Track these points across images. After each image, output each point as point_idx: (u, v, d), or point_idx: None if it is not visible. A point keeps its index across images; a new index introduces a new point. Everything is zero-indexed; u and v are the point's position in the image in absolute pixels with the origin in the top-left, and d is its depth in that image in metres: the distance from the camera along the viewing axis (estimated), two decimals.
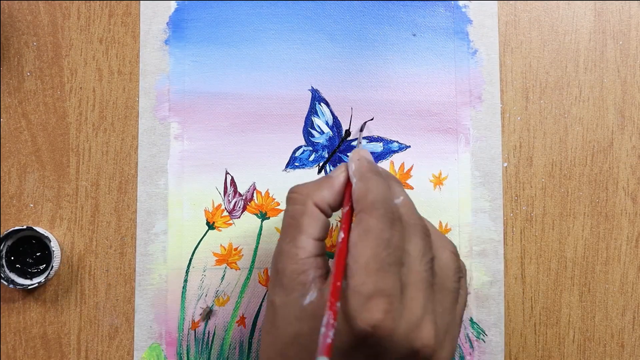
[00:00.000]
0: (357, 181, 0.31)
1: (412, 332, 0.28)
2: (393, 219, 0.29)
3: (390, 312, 0.27)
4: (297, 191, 0.32)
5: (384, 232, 0.28)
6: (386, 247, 0.28)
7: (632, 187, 0.42)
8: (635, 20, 0.42)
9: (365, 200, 0.30)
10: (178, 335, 0.40)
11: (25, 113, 0.41)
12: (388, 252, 0.28)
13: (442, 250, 0.32)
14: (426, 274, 0.29)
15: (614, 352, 0.41)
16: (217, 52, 0.42)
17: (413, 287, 0.29)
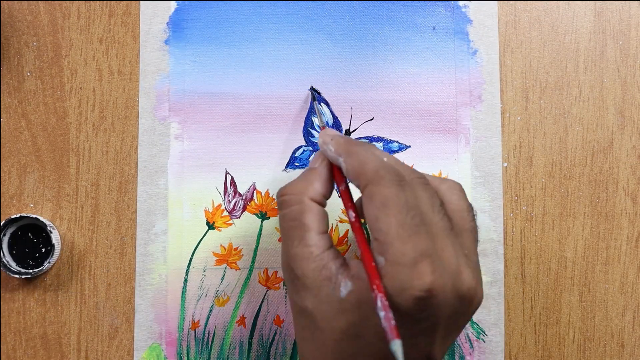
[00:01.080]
0: (346, 158, 0.31)
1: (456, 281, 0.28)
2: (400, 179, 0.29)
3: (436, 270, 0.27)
4: (288, 192, 0.32)
5: (399, 197, 0.28)
6: (408, 211, 0.28)
7: (632, 187, 0.42)
8: (635, 20, 0.42)
9: (366, 173, 0.30)
10: (178, 335, 0.40)
11: (25, 113, 0.41)
12: (411, 214, 0.28)
13: (449, 193, 0.31)
14: (443, 222, 0.29)
15: (614, 352, 0.41)
16: (217, 52, 0.42)
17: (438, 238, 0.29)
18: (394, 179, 0.29)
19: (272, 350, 0.40)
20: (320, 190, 0.32)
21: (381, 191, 0.29)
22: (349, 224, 0.41)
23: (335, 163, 0.32)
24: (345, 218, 0.41)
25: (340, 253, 0.31)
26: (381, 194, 0.28)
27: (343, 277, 0.29)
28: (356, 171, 0.30)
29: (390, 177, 0.29)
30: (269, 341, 0.41)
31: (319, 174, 0.32)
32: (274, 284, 0.41)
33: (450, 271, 0.28)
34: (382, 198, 0.28)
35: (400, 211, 0.28)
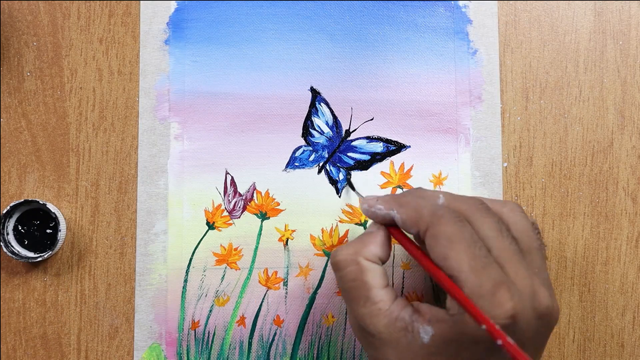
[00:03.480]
0: (399, 209, 0.31)
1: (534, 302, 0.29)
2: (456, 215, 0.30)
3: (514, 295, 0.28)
4: (343, 253, 0.32)
5: (463, 232, 0.29)
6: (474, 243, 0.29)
7: (632, 187, 0.42)
8: (635, 20, 0.42)
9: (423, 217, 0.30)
10: (178, 335, 0.40)
11: (25, 113, 0.41)
12: (478, 246, 0.29)
13: (512, 215, 0.32)
14: (512, 246, 0.30)
15: (614, 352, 0.41)
16: (217, 52, 0.42)
17: (510, 263, 0.29)
18: (453, 216, 0.30)
19: (272, 350, 0.40)
20: (375, 252, 0.32)
21: (444, 230, 0.29)
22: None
23: (388, 220, 0.32)
24: (346, 218, 0.41)
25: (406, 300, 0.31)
26: (445, 232, 0.29)
27: (419, 324, 0.29)
28: (412, 219, 0.31)
29: (449, 216, 0.29)
30: (269, 341, 0.41)
31: (375, 237, 0.33)
32: (274, 284, 0.41)
33: (527, 293, 0.29)
34: (447, 236, 0.29)
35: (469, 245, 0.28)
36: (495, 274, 0.28)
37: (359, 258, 0.31)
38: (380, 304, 0.30)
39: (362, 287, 0.31)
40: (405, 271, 0.41)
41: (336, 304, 0.41)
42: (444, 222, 0.29)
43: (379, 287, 0.31)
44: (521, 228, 0.32)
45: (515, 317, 0.27)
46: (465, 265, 0.28)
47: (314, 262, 0.41)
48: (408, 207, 0.31)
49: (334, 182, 0.41)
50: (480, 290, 0.28)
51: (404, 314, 0.30)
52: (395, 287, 0.41)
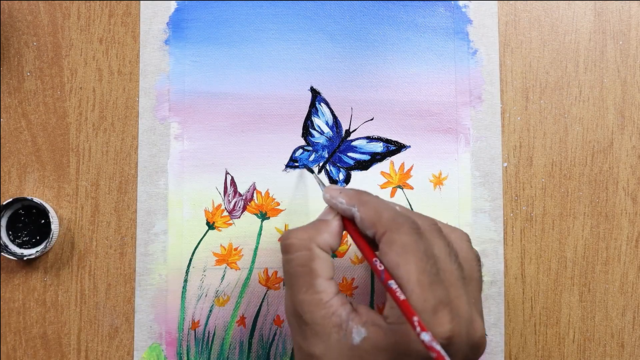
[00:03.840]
0: (360, 207, 0.31)
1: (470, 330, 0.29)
2: (417, 228, 0.30)
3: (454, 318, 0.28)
4: (297, 236, 0.31)
5: (418, 244, 0.29)
6: (427, 259, 0.29)
7: (632, 187, 0.42)
8: (635, 20, 0.42)
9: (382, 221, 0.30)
10: (178, 335, 0.40)
11: (25, 113, 0.41)
12: (430, 262, 0.29)
13: (459, 242, 0.32)
14: (457, 271, 0.30)
15: (614, 352, 0.41)
16: (217, 52, 0.42)
17: (453, 287, 0.29)
18: (412, 227, 0.29)
19: (272, 350, 0.40)
20: (328, 241, 0.32)
21: (401, 238, 0.29)
22: None
23: (347, 214, 0.32)
24: None
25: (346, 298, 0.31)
26: (402, 240, 0.29)
27: (354, 324, 0.29)
28: (372, 220, 0.30)
29: (408, 225, 0.29)
30: (269, 341, 0.41)
31: (329, 225, 0.32)
32: (274, 284, 0.41)
33: (465, 319, 0.29)
34: (402, 244, 0.29)
35: (421, 259, 0.28)
36: (441, 294, 0.28)
37: (311, 244, 0.31)
38: (322, 295, 0.30)
39: (308, 273, 0.31)
40: None
41: None
42: (403, 230, 0.29)
43: (324, 277, 0.31)
44: (466, 256, 0.32)
45: (451, 339, 0.28)
46: (415, 276, 0.28)
47: None
48: (369, 206, 0.31)
49: (334, 182, 0.41)
50: (424, 305, 0.28)
51: (341, 311, 0.30)
52: None
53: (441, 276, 0.29)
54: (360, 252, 0.32)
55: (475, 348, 0.29)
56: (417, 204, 0.41)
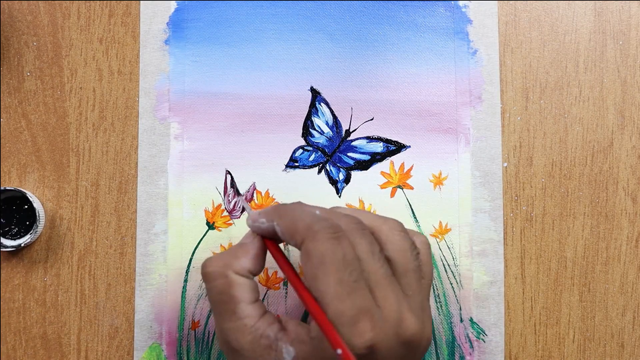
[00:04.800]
0: (278, 220, 0.31)
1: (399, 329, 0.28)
2: (336, 231, 0.29)
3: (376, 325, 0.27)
4: (212, 265, 0.31)
5: (336, 252, 0.28)
6: (345, 267, 0.28)
7: (632, 187, 0.42)
8: (635, 20, 0.42)
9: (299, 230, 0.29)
10: (178, 335, 0.40)
11: (25, 113, 0.41)
12: (349, 270, 0.28)
13: (391, 234, 0.31)
14: (383, 269, 0.29)
15: (614, 352, 0.41)
16: (217, 52, 0.42)
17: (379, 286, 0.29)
18: (329, 232, 0.29)
19: None
20: (246, 266, 0.31)
21: (317, 247, 0.28)
22: None
23: (271, 233, 0.31)
24: None
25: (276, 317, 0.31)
26: (317, 250, 0.28)
27: (283, 343, 0.29)
28: (290, 230, 0.30)
29: (325, 231, 0.29)
30: None
31: (247, 249, 0.32)
32: (274, 284, 0.41)
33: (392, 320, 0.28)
34: (319, 254, 0.28)
35: (339, 268, 0.28)
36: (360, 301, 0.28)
37: (227, 271, 0.31)
38: (246, 320, 0.30)
39: (229, 301, 0.30)
40: None
41: None
42: (319, 238, 0.28)
43: (246, 302, 0.30)
44: (398, 248, 0.31)
45: (374, 347, 0.27)
46: (331, 289, 0.28)
47: None
48: (287, 217, 0.30)
49: (334, 182, 0.41)
50: (341, 319, 0.27)
51: (269, 332, 0.29)
52: None
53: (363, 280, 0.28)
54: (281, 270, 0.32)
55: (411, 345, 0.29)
56: (417, 204, 0.41)
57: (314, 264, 0.28)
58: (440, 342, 0.41)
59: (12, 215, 0.40)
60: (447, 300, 0.41)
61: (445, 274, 0.41)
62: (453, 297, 0.41)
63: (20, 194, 0.39)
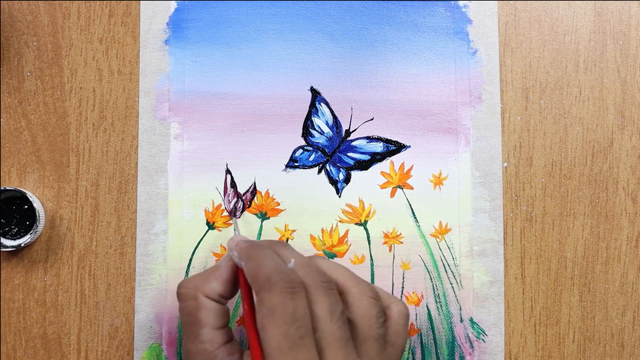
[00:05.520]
0: (246, 263, 0.31)
1: None
2: (293, 287, 0.29)
3: None
4: (185, 286, 0.32)
5: (287, 306, 0.28)
6: (293, 322, 0.28)
7: (632, 187, 0.42)
8: (635, 20, 0.42)
9: (259, 278, 0.30)
10: (178, 335, 0.40)
11: (25, 113, 0.41)
12: (296, 325, 0.28)
13: (359, 298, 0.31)
14: (340, 331, 0.29)
15: (614, 352, 0.41)
16: (217, 52, 0.42)
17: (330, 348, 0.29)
18: (286, 286, 0.29)
19: None
20: (217, 289, 0.32)
21: (270, 299, 0.29)
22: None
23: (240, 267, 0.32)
24: (346, 218, 0.41)
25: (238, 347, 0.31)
26: (270, 301, 0.29)
27: None
28: (252, 276, 0.30)
29: (281, 285, 0.29)
30: None
31: (220, 273, 0.32)
32: None
33: None
34: (269, 305, 0.28)
35: (285, 322, 0.28)
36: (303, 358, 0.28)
37: (197, 294, 0.31)
38: (207, 345, 0.30)
39: (194, 322, 0.31)
40: (405, 271, 0.41)
41: None
42: (274, 290, 0.29)
43: (210, 326, 0.30)
44: (363, 313, 0.31)
45: None
46: (275, 341, 0.28)
47: None
48: (253, 262, 0.30)
49: (334, 182, 0.41)
50: None
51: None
52: (395, 287, 0.41)
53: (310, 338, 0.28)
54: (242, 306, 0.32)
55: None
56: (417, 204, 0.41)
57: (264, 314, 0.29)
58: (440, 342, 0.41)
59: (12, 215, 0.40)
60: (447, 300, 0.41)
61: (445, 274, 0.41)
62: (453, 297, 0.41)
63: (20, 194, 0.39)
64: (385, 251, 0.41)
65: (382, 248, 0.41)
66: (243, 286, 0.32)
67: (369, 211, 0.41)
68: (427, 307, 0.41)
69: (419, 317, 0.41)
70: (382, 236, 0.41)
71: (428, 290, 0.41)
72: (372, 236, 0.41)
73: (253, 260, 0.31)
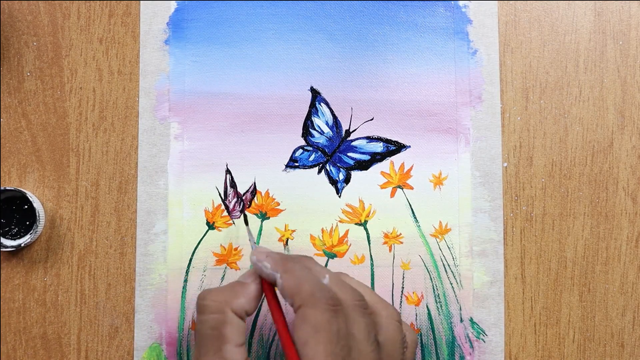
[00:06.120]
0: (282, 275, 0.31)
1: None
2: (335, 304, 0.29)
3: None
4: (211, 298, 0.31)
5: (332, 325, 0.28)
6: (338, 341, 0.28)
7: (632, 187, 0.42)
8: (635, 20, 0.42)
9: (301, 293, 0.29)
10: (178, 335, 0.40)
11: (25, 113, 0.41)
12: (340, 345, 0.28)
13: (388, 322, 0.32)
14: (374, 353, 0.30)
15: (614, 352, 0.41)
16: (217, 52, 0.42)
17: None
18: (329, 303, 0.29)
19: (272, 350, 0.40)
20: (244, 306, 0.31)
21: (315, 315, 0.29)
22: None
23: (270, 280, 0.32)
24: (346, 218, 0.41)
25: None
26: (315, 318, 0.28)
27: None
28: (292, 290, 0.30)
29: (325, 302, 0.29)
30: (269, 341, 0.41)
31: (247, 290, 0.32)
32: None
33: None
34: (314, 323, 0.28)
35: (331, 340, 0.28)
36: None
37: (226, 308, 0.31)
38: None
39: (218, 338, 0.30)
40: (405, 271, 0.41)
41: None
42: (319, 307, 0.29)
43: (234, 343, 0.30)
44: (391, 337, 0.31)
45: None
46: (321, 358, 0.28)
47: None
48: (292, 275, 0.30)
49: (334, 182, 0.41)
50: None
51: None
52: (395, 287, 0.41)
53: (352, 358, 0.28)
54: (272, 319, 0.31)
55: None
56: (417, 204, 0.41)
57: (308, 331, 0.28)
58: (440, 342, 0.41)
59: (12, 215, 0.40)
60: (447, 300, 0.41)
61: (445, 274, 0.41)
62: (453, 297, 0.41)
63: (20, 194, 0.39)
64: (385, 251, 0.41)
65: (382, 248, 0.41)
66: (272, 300, 0.32)
67: (369, 211, 0.41)
68: (427, 307, 0.41)
69: (419, 317, 0.41)
70: (382, 236, 0.41)
71: (428, 290, 0.41)
72: (372, 236, 0.41)
73: (291, 274, 0.30)
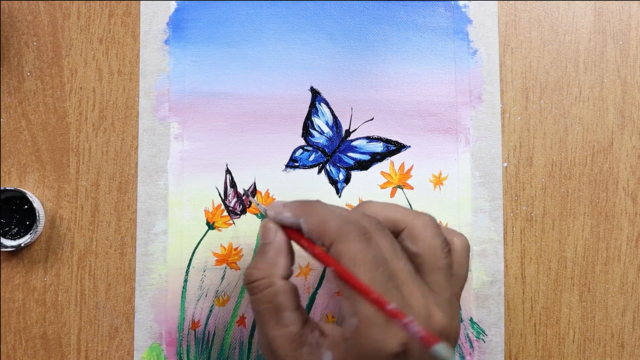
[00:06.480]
0: (306, 218, 0.30)
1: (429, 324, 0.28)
2: (365, 232, 0.29)
3: None
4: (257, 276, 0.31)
5: (367, 253, 0.28)
6: (377, 266, 0.28)
7: (632, 187, 0.42)
8: (635, 20, 0.42)
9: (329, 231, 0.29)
10: (178, 335, 0.40)
11: (25, 113, 0.41)
12: (380, 270, 0.28)
13: (423, 230, 0.31)
14: (406, 267, 0.29)
15: (614, 352, 0.41)
16: (217, 52, 0.42)
17: (405, 284, 0.29)
18: (359, 233, 0.29)
19: None
20: (287, 265, 0.31)
21: (349, 249, 0.28)
22: None
23: (294, 227, 0.31)
24: None
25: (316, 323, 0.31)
26: (349, 252, 0.28)
27: (323, 349, 0.29)
28: (319, 230, 0.30)
29: (355, 233, 0.29)
30: None
31: (279, 248, 0.32)
32: None
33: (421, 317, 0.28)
34: (350, 256, 0.28)
35: (371, 268, 0.28)
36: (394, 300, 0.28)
37: (274, 280, 0.31)
38: (292, 327, 0.30)
39: (275, 309, 0.30)
40: None
41: (336, 304, 0.41)
42: (350, 239, 0.28)
43: (292, 309, 0.30)
44: (429, 245, 0.31)
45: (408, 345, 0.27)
46: None
47: (314, 262, 0.41)
48: (315, 216, 0.30)
49: (334, 182, 0.41)
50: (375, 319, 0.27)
51: (311, 339, 0.30)
52: None
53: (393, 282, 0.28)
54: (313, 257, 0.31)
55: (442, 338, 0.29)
56: (417, 204, 0.41)
57: (345, 265, 0.28)
58: None
59: (12, 215, 0.40)
60: None
61: None
62: None
63: (20, 194, 0.39)
64: None
65: None
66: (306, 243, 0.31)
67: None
68: None
69: None
70: None
71: None
72: None
73: (315, 216, 0.30)
